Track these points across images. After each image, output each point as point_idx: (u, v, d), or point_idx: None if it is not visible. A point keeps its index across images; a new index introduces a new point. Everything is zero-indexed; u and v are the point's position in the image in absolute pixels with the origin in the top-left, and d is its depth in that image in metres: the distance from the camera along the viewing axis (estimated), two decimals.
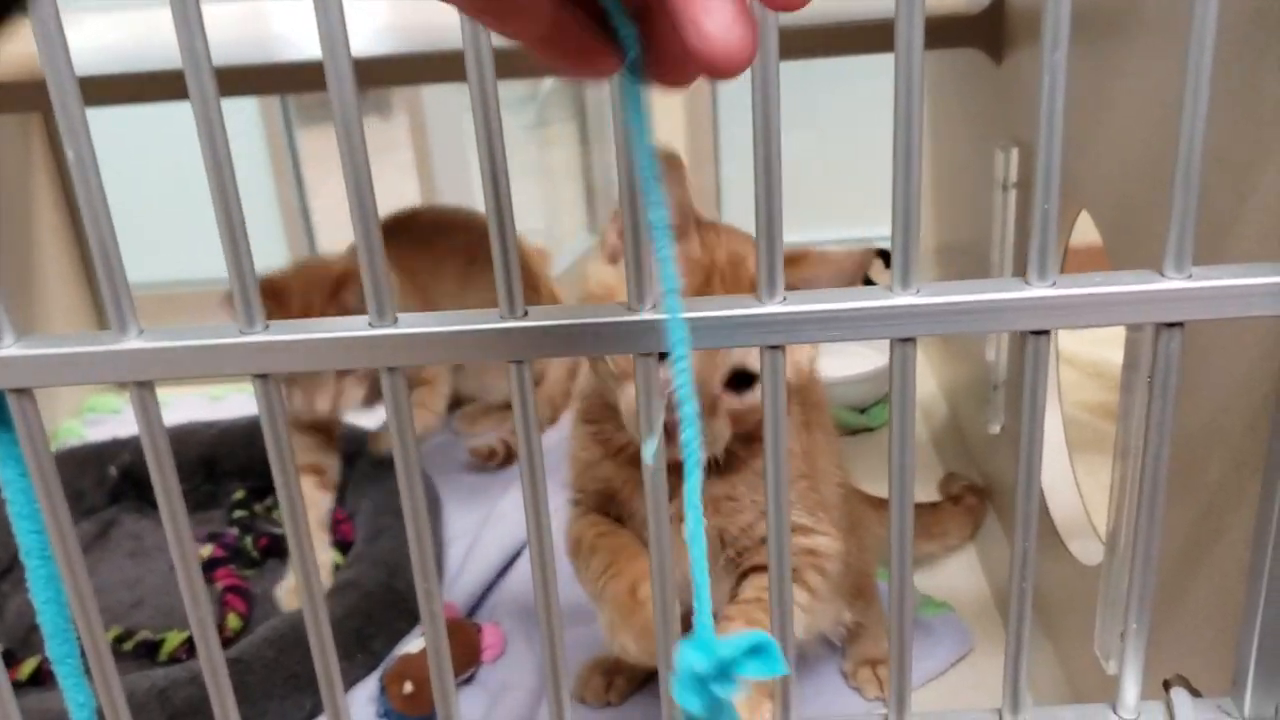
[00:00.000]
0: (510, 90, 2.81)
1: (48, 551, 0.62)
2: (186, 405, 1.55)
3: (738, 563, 0.88)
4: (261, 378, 0.56)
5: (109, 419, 1.70)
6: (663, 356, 0.55)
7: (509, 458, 1.47)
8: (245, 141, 2.52)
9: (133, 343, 0.56)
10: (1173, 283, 0.54)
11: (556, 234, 2.72)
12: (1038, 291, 0.54)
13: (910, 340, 0.56)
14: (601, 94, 2.24)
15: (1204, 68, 0.50)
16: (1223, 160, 0.66)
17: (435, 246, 1.45)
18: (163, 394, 0.58)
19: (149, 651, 1.14)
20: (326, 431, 1.35)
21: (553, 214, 2.79)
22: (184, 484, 1.46)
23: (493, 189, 0.53)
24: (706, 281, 0.79)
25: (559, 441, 0.98)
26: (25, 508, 0.61)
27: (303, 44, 1.28)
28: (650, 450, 0.56)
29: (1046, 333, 0.56)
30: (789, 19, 0.43)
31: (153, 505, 1.47)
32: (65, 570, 0.61)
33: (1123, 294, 0.54)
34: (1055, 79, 0.50)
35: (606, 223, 0.85)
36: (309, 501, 1.24)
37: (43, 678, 1.09)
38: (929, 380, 1.59)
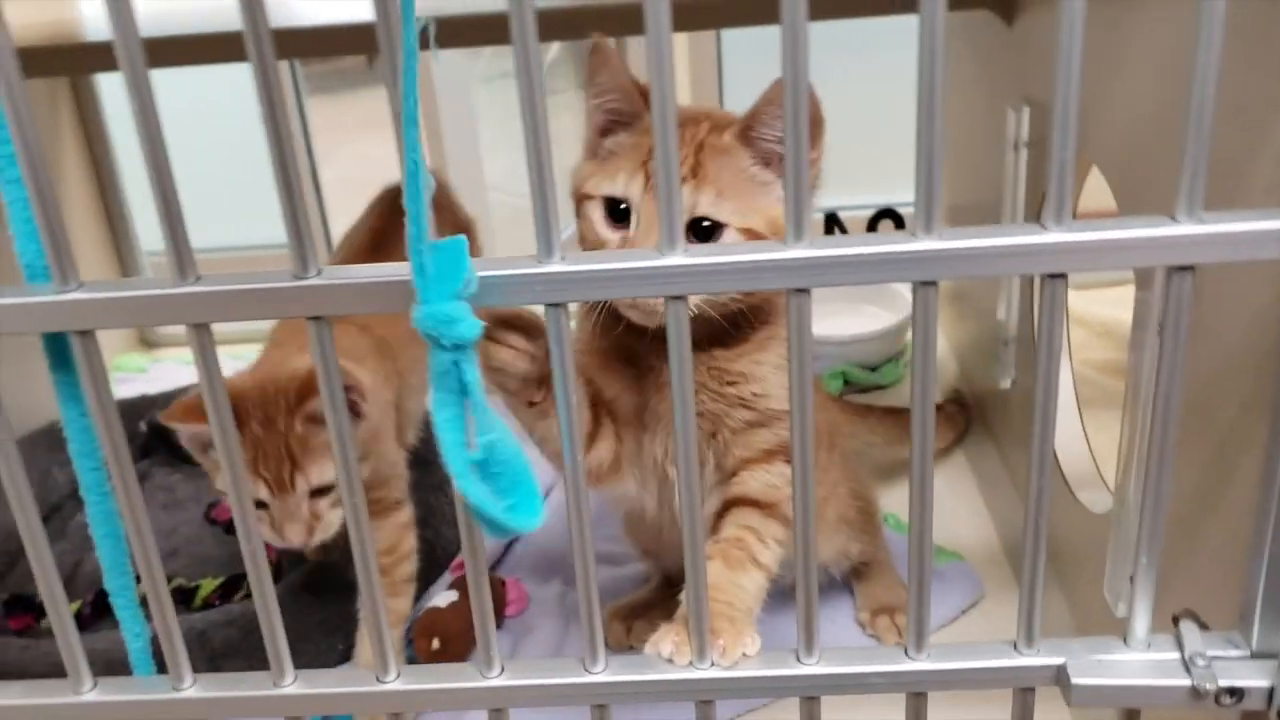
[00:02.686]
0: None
1: (106, 488, 0.65)
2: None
3: (723, 461, 0.87)
4: (315, 320, 0.59)
5: (136, 378, 1.73)
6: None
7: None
8: (254, 110, 2.53)
9: (190, 287, 0.58)
10: (1184, 227, 0.56)
11: (562, 201, 2.73)
12: (1055, 236, 0.56)
13: (932, 284, 0.58)
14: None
15: (1218, 12, 0.52)
16: (1235, 110, 0.68)
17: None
18: None
19: (184, 598, 1.18)
20: None
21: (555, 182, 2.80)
22: None
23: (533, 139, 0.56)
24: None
25: None
26: (86, 445, 0.64)
27: (310, 9, 1.30)
28: None
29: (1063, 276, 0.58)
30: None
31: (182, 459, 1.49)
32: (124, 505, 0.65)
33: (1136, 238, 0.57)
34: (1074, 25, 0.52)
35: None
36: None
37: (83, 621, 1.13)
38: (939, 339, 1.61)
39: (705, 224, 0.78)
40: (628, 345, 0.85)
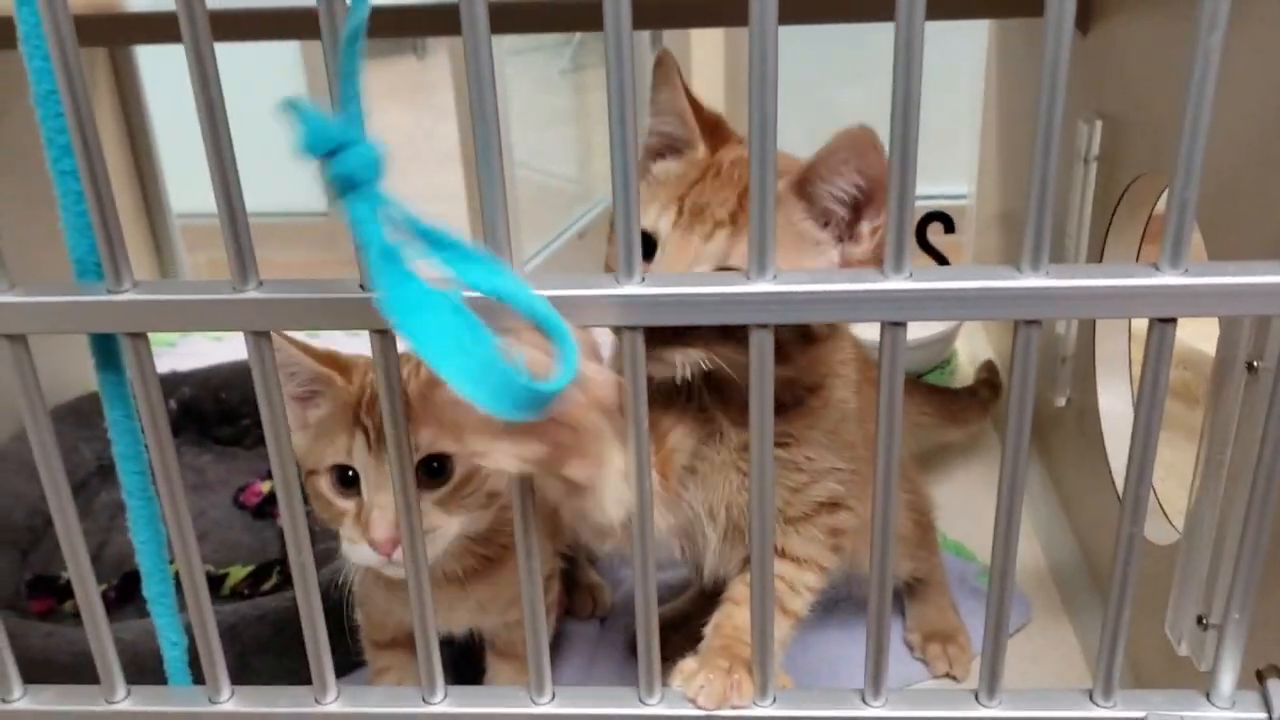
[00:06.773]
0: (547, 34, 2.76)
1: (149, 492, 0.63)
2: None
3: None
4: (380, 333, 0.56)
5: (166, 352, 1.71)
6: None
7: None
8: (287, 85, 2.50)
9: (253, 293, 0.55)
10: None
11: (588, 179, 2.68)
12: (1170, 279, 0.53)
13: (1036, 323, 0.55)
14: (640, 39, 2.19)
15: None
16: None
17: None
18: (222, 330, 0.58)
19: (211, 586, 1.15)
20: None
21: (585, 159, 2.76)
22: (247, 419, 1.45)
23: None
24: (700, 177, 0.72)
25: None
26: (130, 449, 0.62)
27: None
28: None
29: (1174, 320, 0.55)
30: None
31: (213, 439, 1.46)
32: (170, 513, 0.62)
33: (1256, 285, 0.53)
34: (1208, 62, 0.49)
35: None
36: None
37: (108, 604, 1.10)
38: (988, 351, 1.58)
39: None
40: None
